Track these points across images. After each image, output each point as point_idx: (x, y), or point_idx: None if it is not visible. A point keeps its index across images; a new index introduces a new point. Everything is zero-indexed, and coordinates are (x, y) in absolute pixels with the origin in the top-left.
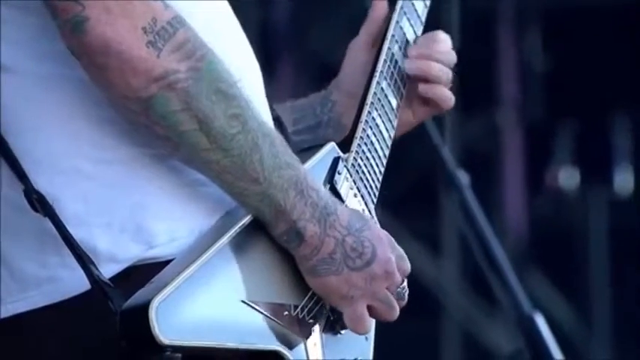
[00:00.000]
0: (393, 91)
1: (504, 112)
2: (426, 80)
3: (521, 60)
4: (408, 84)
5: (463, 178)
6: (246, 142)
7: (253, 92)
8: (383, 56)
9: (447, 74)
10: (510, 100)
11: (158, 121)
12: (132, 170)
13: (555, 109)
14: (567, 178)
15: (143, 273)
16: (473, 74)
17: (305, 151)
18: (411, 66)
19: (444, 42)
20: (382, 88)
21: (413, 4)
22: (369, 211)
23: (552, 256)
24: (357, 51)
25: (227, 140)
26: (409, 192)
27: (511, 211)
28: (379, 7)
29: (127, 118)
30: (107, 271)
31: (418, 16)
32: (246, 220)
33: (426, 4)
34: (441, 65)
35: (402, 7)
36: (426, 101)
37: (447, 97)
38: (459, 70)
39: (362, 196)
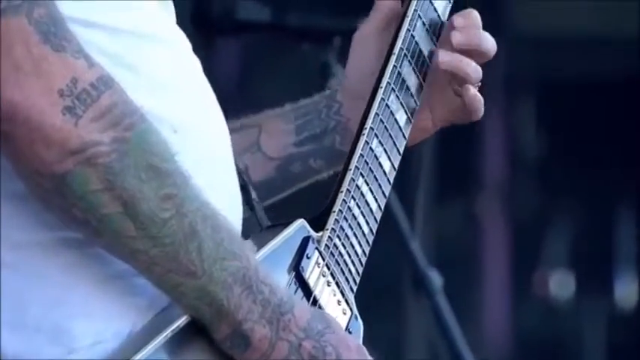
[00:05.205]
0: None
1: (487, 200)
2: (456, 78)
3: (510, 139)
4: (430, 81)
5: (435, 279)
6: (180, 228)
7: (215, 156)
8: (391, 65)
9: (478, 74)
10: (494, 187)
11: (75, 202)
12: (51, 257)
13: (548, 200)
14: (560, 284)
15: None
16: (450, 154)
17: (269, 229)
18: (444, 59)
19: (479, 21)
20: (376, 134)
21: None
22: (347, 302)
23: None
24: (363, 41)
25: (157, 226)
26: (369, 293)
27: (491, 320)
28: None
29: (40, 197)
30: None
31: None
32: (182, 321)
33: None
34: (475, 63)
35: None
36: (451, 108)
37: (480, 106)
38: (434, 148)
39: (337, 284)
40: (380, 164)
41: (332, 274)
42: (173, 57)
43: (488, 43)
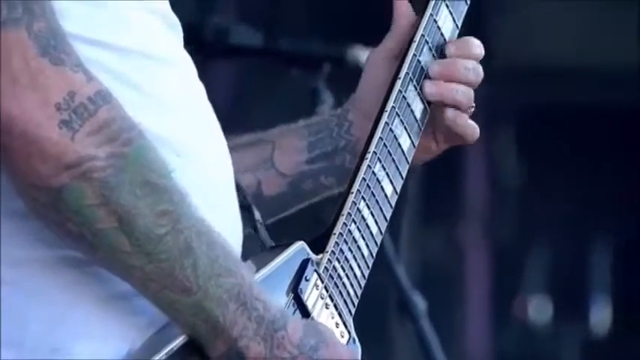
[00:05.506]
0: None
1: (469, 227)
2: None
3: (491, 168)
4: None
5: (419, 303)
6: (176, 245)
7: (216, 180)
8: (396, 90)
9: (468, 99)
10: (476, 214)
11: (70, 216)
12: (51, 275)
13: (527, 229)
14: (538, 309)
15: None
16: (434, 181)
17: (270, 250)
18: (431, 90)
19: (474, 50)
20: (379, 158)
21: None
22: (345, 324)
23: None
24: (376, 63)
25: (153, 242)
26: (355, 317)
27: (472, 342)
28: (403, 8)
29: (36, 212)
30: None
31: None
32: (179, 341)
33: None
34: (463, 89)
35: None
36: (451, 131)
37: (471, 131)
38: (419, 176)
39: (335, 307)
40: (382, 188)
41: (330, 297)
42: (179, 80)
43: (469, 76)
